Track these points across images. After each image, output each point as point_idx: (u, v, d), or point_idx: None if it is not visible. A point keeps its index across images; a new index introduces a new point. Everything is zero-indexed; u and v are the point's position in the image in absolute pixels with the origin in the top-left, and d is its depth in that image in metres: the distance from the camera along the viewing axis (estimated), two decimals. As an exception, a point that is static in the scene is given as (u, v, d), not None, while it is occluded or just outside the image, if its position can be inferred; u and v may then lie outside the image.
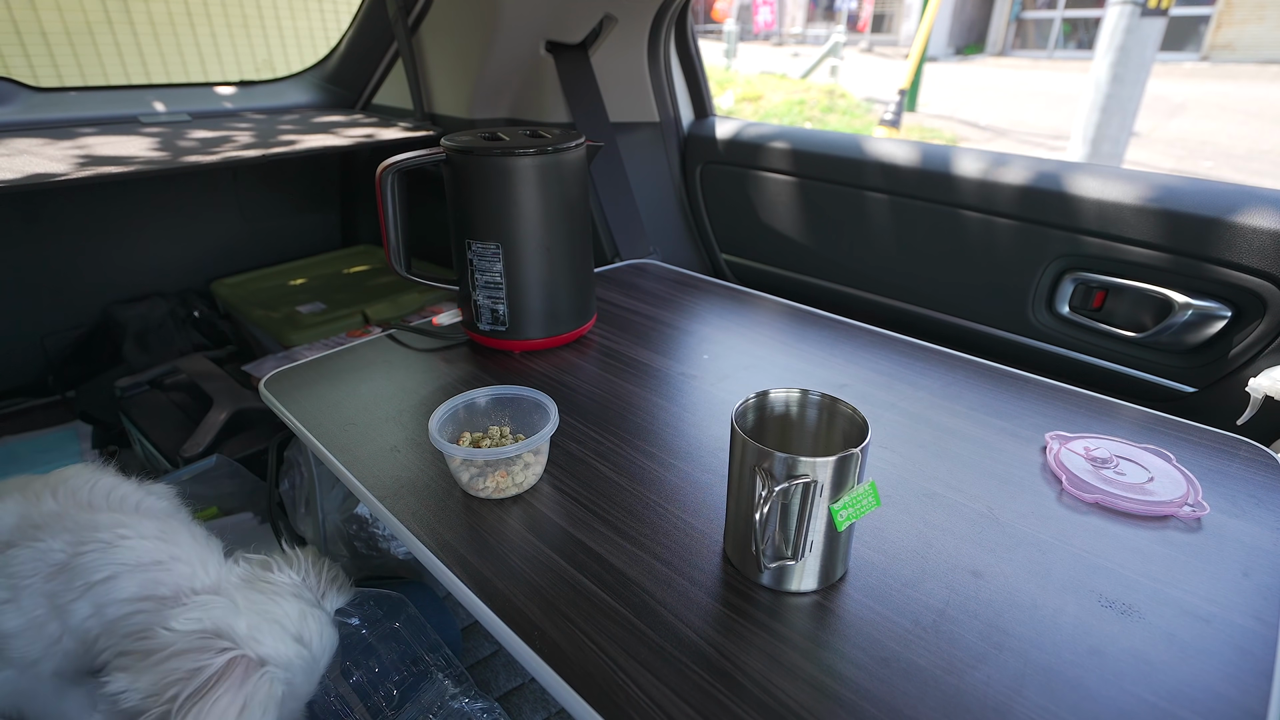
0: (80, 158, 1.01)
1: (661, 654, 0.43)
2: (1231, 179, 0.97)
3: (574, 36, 1.20)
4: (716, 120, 1.33)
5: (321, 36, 3.66)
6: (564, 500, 0.57)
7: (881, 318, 1.12)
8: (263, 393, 0.74)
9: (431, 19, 1.22)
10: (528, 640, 0.44)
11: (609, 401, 0.71)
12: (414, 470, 0.61)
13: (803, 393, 0.51)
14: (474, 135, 0.78)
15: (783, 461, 0.43)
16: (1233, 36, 9.80)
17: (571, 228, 0.79)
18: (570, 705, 0.41)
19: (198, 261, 1.49)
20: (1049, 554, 0.50)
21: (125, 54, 3.10)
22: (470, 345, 0.84)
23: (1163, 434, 0.65)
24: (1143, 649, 0.42)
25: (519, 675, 0.85)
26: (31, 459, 1.08)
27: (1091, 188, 0.87)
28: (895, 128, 5.98)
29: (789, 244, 1.21)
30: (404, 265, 0.83)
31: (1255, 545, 0.51)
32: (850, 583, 0.48)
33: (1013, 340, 0.99)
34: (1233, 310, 0.80)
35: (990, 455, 0.62)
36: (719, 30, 10.41)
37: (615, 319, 0.91)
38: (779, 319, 0.91)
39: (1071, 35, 11.62)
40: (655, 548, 0.51)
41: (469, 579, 0.49)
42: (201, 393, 1.12)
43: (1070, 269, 0.91)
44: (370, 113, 1.51)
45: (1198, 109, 7.15)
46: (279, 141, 1.16)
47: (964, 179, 0.97)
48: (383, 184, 0.78)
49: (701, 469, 0.60)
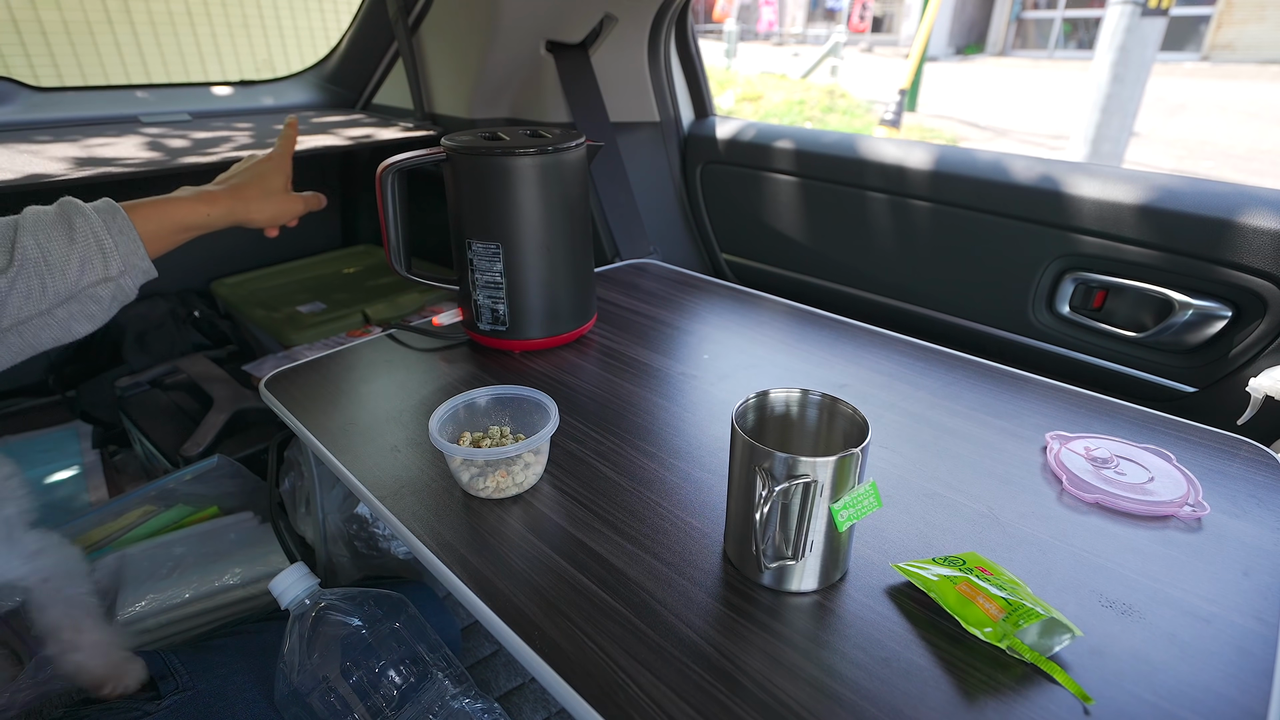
0: (80, 158, 1.01)
1: (662, 653, 0.43)
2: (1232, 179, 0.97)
3: (574, 36, 1.20)
4: (717, 120, 1.33)
5: (321, 36, 3.66)
6: (564, 500, 0.57)
7: (882, 318, 1.12)
8: (263, 392, 0.74)
9: (432, 19, 1.22)
10: (528, 640, 0.44)
11: (609, 401, 0.71)
12: (414, 470, 0.61)
13: (803, 392, 0.51)
14: (474, 135, 0.78)
15: (783, 461, 0.43)
16: (1233, 36, 9.80)
17: (572, 227, 0.79)
18: (570, 704, 0.41)
19: (198, 261, 1.49)
20: (1049, 554, 0.50)
21: (125, 53, 3.10)
22: (470, 345, 0.84)
23: (1163, 434, 0.65)
24: (1143, 649, 0.42)
25: (519, 675, 0.85)
26: (32, 459, 1.08)
27: (1092, 188, 0.87)
28: (895, 127, 5.98)
29: (789, 244, 1.21)
30: (404, 265, 0.83)
31: (1256, 545, 0.51)
32: (850, 582, 0.48)
33: (1013, 340, 0.99)
34: (1233, 310, 0.80)
35: (990, 455, 0.62)
36: (719, 30, 10.42)
37: (616, 319, 0.91)
38: (779, 319, 0.91)
39: (1072, 35, 11.63)
40: (655, 547, 0.51)
41: (469, 579, 0.49)
42: (202, 392, 1.12)
43: (1070, 269, 0.91)
44: (370, 112, 1.51)
45: (1198, 109, 7.15)
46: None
47: (964, 179, 0.97)
48: (383, 184, 0.78)
49: (702, 469, 0.60)
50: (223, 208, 0.67)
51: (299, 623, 0.57)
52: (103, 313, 0.60)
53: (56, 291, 0.56)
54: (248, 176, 0.70)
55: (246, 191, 0.69)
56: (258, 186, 0.70)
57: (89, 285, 0.57)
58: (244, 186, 0.69)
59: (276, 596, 0.58)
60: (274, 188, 0.71)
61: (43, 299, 0.55)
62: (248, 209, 0.69)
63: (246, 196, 0.69)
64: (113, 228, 0.58)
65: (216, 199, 0.66)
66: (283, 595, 0.58)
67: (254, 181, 0.70)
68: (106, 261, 0.57)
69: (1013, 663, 0.41)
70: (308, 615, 0.58)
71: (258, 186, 0.70)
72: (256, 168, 0.71)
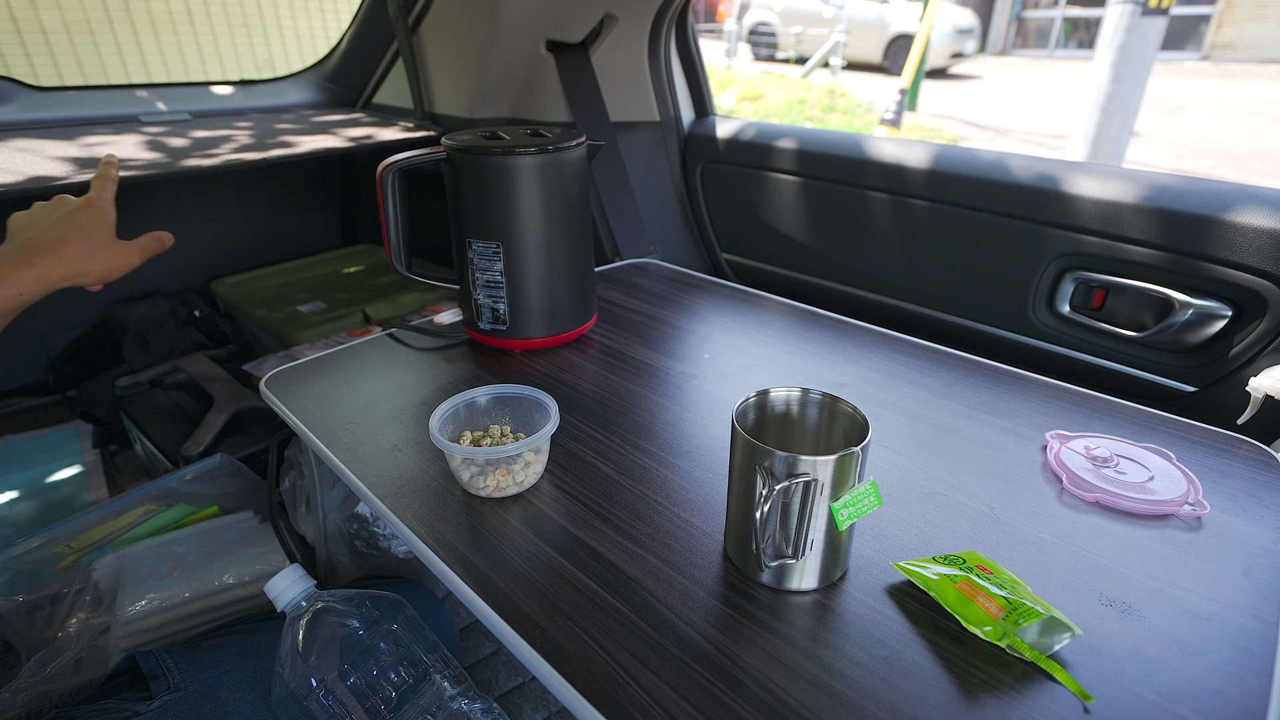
0: (80, 157, 1.01)
1: (662, 652, 0.43)
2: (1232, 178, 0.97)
3: (574, 36, 1.20)
4: (717, 119, 1.33)
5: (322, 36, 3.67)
6: (564, 499, 0.57)
7: (882, 317, 1.12)
8: (263, 392, 0.74)
9: (432, 18, 1.22)
10: (528, 639, 0.44)
11: (609, 400, 0.71)
12: (414, 469, 0.61)
13: (803, 391, 0.51)
14: (474, 134, 0.78)
15: (783, 460, 0.43)
16: (1234, 36, 9.79)
17: (572, 227, 0.79)
18: (571, 704, 0.41)
19: (198, 261, 1.49)
20: (1049, 553, 0.50)
21: (125, 53, 3.11)
22: (471, 344, 0.84)
23: (1163, 433, 0.65)
24: (1143, 647, 0.42)
25: (519, 674, 0.85)
26: (32, 458, 1.08)
27: (1092, 187, 0.87)
28: (896, 127, 5.98)
29: (790, 243, 1.21)
30: (404, 264, 0.83)
31: (1255, 544, 0.51)
32: (851, 581, 0.48)
33: (1013, 339, 0.99)
34: (1233, 310, 0.80)
35: (991, 454, 0.62)
36: (719, 30, 10.41)
37: (616, 318, 0.91)
38: (779, 318, 0.91)
39: (1072, 35, 11.62)
40: (656, 546, 0.51)
41: (469, 578, 0.49)
42: (202, 392, 1.12)
43: (1071, 268, 0.91)
44: (371, 112, 1.51)
45: (1198, 108, 7.15)
46: (279, 142, 1.16)
47: (964, 178, 0.97)
48: (383, 183, 0.78)
49: (702, 468, 0.60)
50: (35, 278, 0.55)
51: (295, 625, 0.57)
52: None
53: None
54: (63, 231, 0.58)
55: (66, 251, 0.57)
56: (79, 245, 0.58)
57: None
58: (61, 245, 0.57)
59: (272, 599, 0.58)
60: (99, 241, 0.60)
61: None
62: (68, 271, 0.57)
63: (67, 258, 0.57)
64: None
65: (24, 271, 0.55)
66: (279, 598, 0.57)
67: (74, 238, 0.58)
68: None
69: (1013, 661, 0.41)
70: (304, 617, 0.57)
71: (79, 245, 0.58)
72: (74, 218, 0.60)
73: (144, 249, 0.64)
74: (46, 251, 0.56)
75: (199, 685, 0.57)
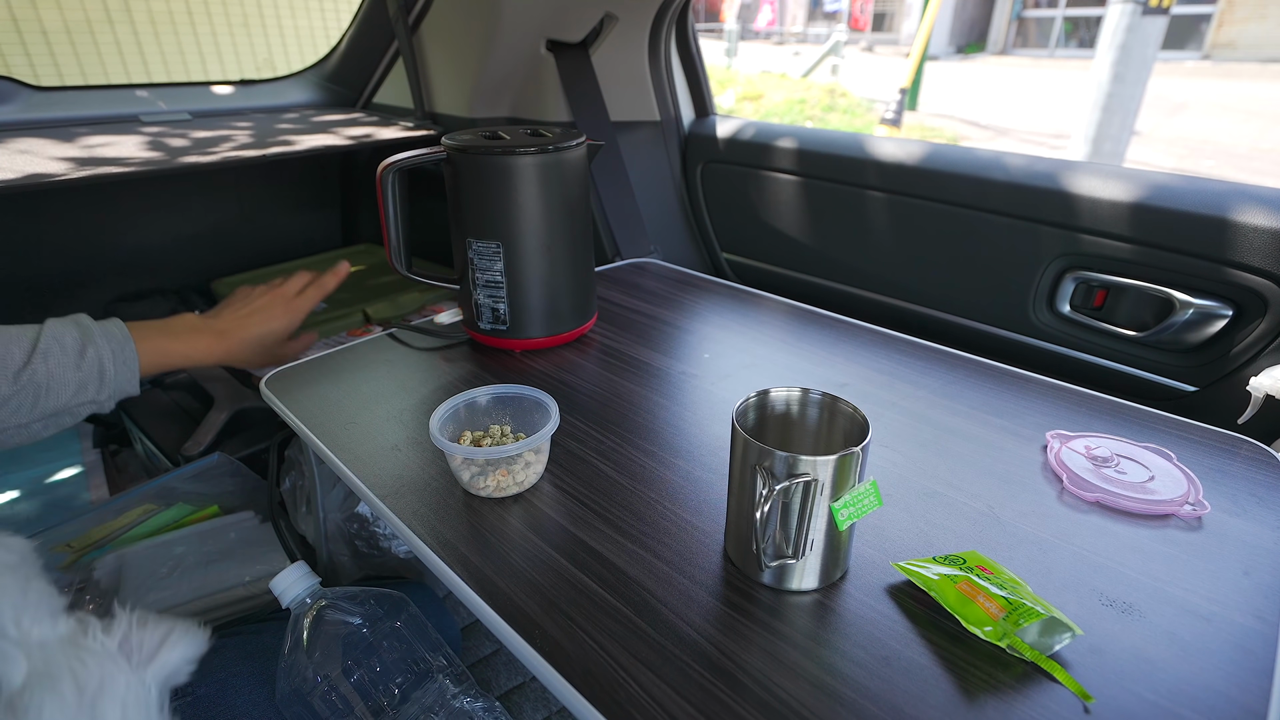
0: (80, 157, 1.01)
1: (662, 652, 0.43)
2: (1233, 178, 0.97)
3: (575, 35, 1.20)
4: (717, 119, 1.33)
5: (322, 35, 3.67)
6: (565, 499, 0.57)
7: (882, 317, 1.12)
8: (263, 392, 0.74)
9: (432, 18, 1.22)
10: (528, 638, 0.44)
11: (610, 400, 0.71)
12: (415, 469, 0.61)
13: (803, 391, 0.51)
14: (475, 134, 0.78)
15: (783, 460, 0.43)
16: (1234, 35, 9.79)
17: (572, 226, 0.79)
18: (571, 703, 0.41)
19: (198, 259, 1.49)
20: (1049, 553, 0.50)
21: (125, 52, 3.11)
22: (471, 344, 0.84)
23: (1163, 433, 0.65)
24: (1143, 647, 0.42)
25: (520, 674, 0.85)
26: (32, 458, 1.08)
27: (1092, 187, 0.87)
28: (896, 126, 5.98)
29: (790, 243, 1.21)
30: (405, 264, 0.83)
31: (1256, 544, 0.51)
32: (851, 581, 0.48)
33: (1013, 339, 0.99)
34: (1234, 309, 0.80)
35: (991, 454, 0.62)
36: (720, 29, 10.41)
37: (616, 318, 0.91)
38: (780, 318, 0.91)
39: (1073, 34, 11.62)
40: (656, 546, 0.51)
41: (470, 577, 0.49)
42: (202, 391, 1.12)
43: (1071, 268, 0.91)
44: (371, 111, 1.51)
45: (1199, 108, 7.15)
46: (279, 141, 1.16)
47: (965, 178, 0.97)
48: (383, 183, 0.78)
49: (702, 467, 0.60)
50: (219, 354, 0.69)
51: (300, 621, 0.57)
52: (72, 424, 0.60)
53: (44, 409, 0.56)
54: (257, 330, 0.72)
55: (248, 347, 0.71)
56: (258, 346, 0.72)
57: (76, 405, 0.58)
58: (248, 341, 0.71)
59: (278, 595, 0.58)
60: (272, 347, 0.73)
61: (30, 414, 0.55)
62: (235, 358, 0.71)
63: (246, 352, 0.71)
64: (119, 358, 0.59)
65: (215, 346, 0.69)
66: (284, 594, 0.58)
67: (259, 340, 0.72)
68: (100, 387, 0.58)
69: (1013, 661, 0.41)
70: (308, 614, 0.58)
71: (258, 346, 0.72)
72: (270, 326, 0.72)
73: (295, 352, 0.76)
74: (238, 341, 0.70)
75: (208, 689, 0.57)
